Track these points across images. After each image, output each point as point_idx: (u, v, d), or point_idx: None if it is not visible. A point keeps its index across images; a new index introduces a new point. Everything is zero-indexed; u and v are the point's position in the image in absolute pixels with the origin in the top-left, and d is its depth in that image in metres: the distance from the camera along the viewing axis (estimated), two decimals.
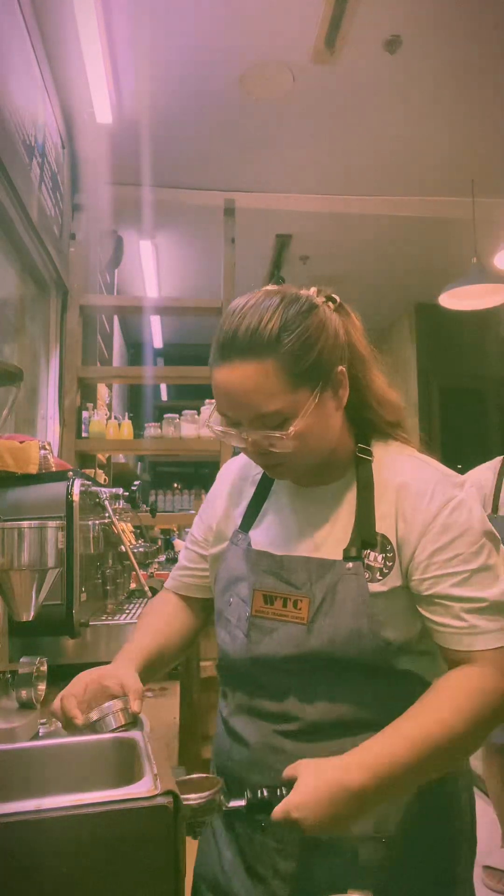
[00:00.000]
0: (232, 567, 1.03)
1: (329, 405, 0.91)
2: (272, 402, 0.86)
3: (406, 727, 0.83)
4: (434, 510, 0.90)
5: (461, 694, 0.84)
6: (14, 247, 2.64)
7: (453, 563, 0.88)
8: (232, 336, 0.87)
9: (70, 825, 0.70)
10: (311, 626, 0.91)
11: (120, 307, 4.10)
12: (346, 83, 3.03)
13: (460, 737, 0.82)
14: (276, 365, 0.85)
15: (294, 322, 0.87)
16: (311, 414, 0.87)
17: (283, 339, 0.85)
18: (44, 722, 1.18)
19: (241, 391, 0.86)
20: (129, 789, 0.75)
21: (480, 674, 0.86)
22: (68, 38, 2.62)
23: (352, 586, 0.90)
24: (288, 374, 0.86)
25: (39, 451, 1.56)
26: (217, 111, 3.24)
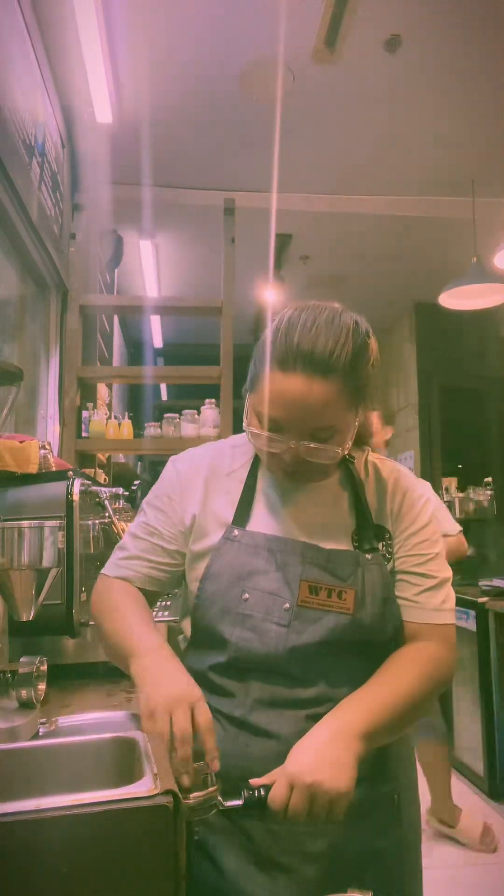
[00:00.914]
0: (238, 562, 1.03)
1: (359, 421, 1.02)
2: (332, 417, 0.95)
3: (382, 683, 0.97)
4: (412, 503, 1.08)
5: (420, 658, 1.01)
6: (14, 247, 2.64)
7: (421, 546, 1.05)
8: (309, 350, 0.92)
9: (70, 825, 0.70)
10: (355, 616, 1.00)
11: (120, 307, 4.10)
12: (346, 83, 3.03)
13: (421, 694, 0.97)
14: (344, 385, 0.93)
15: (361, 348, 0.97)
16: (352, 431, 0.99)
17: (354, 363, 0.94)
18: (44, 722, 1.18)
19: (309, 403, 0.93)
20: (129, 789, 0.75)
21: (431, 647, 1.02)
22: (68, 38, 2.62)
23: (377, 575, 1.03)
24: (350, 394, 0.95)
25: (39, 450, 1.56)
26: (217, 111, 3.24)
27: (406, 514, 1.07)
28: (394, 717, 0.93)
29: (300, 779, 0.82)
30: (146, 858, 0.71)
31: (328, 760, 0.84)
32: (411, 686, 0.97)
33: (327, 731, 0.89)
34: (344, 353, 0.93)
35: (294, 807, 0.82)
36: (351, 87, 3.07)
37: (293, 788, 0.82)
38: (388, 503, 1.07)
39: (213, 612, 1.04)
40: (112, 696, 1.51)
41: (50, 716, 1.21)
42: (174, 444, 3.24)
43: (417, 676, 0.98)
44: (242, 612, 1.01)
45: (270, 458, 1.02)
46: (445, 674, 1.02)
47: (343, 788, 0.82)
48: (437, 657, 1.02)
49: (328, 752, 0.85)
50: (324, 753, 0.85)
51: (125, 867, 0.71)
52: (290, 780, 0.83)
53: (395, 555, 1.06)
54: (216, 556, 1.05)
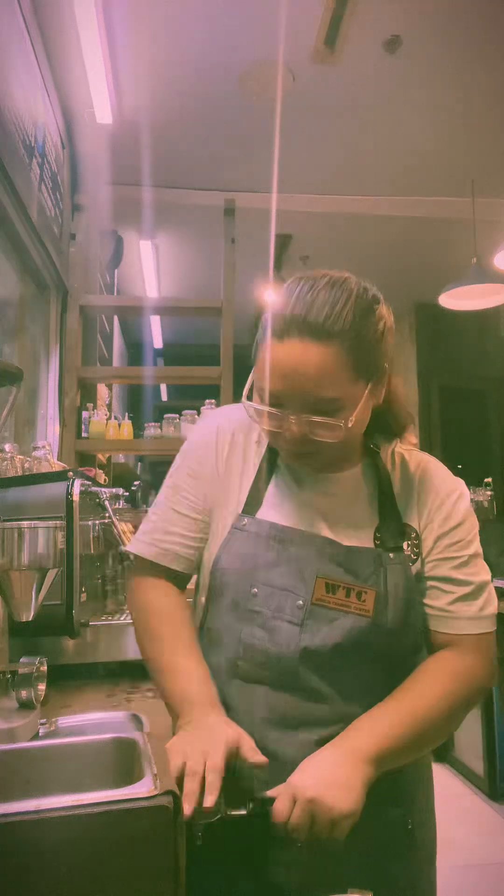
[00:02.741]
0: (248, 553, 0.96)
1: (372, 401, 0.92)
2: (333, 388, 0.85)
3: (400, 702, 0.89)
4: (442, 500, 0.97)
5: (445, 676, 0.91)
6: (14, 247, 2.64)
7: (454, 548, 0.95)
8: (303, 314, 0.85)
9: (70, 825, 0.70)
10: (375, 619, 0.92)
11: (120, 307, 4.10)
12: (346, 83, 3.03)
13: (445, 715, 0.90)
14: (346, 351, 0.84)
15: (365, 313, 0.87)
16: (361, 407, 0.88)
17: (355, 327, 0.85)
18: (44, 722, 1.18)
19: (304, 371, 0.84)
20: (129, 789, 0.75)
21: (461, 659, 0.93)
22: (68, 38, 2.62)
23: (400, 577, 0.94)
24: (353, 363, 0.85)
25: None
26: (217, 111, 3.24)
27: (436, 511, 0.96)
28: (410, 741, 0.87)
29: (302, 794, 0.79)
30: (146, 858, 0.71)
31: (334, 779, 0.80)
32: (434, 706, 0.89)
33: (337, 752, 0.84)
34: (343, 317, 0.84)
35: (295, 822, 0.78)
36: (351, 87, 3.07)
37: (295, 802, 0.79)
38: (416, 499, 0.97)
39: (221, 606, 0.98)
40: (112, 696, 1.50)
41: (50, 716, 1.21)
42: (174, 444, 3.23)
43: (442, 695, 0.90)
44: (252, 609, 0.94)
45: (274, 438, 0.94)
46: (478, 689, 0.94)
47: (346, 809, 0.78)
48: (467, 672, 0.92)
49: (335, 771, 0.81)
50: (330, 772, 0.81)
51: (125, 867, 0.71)
52: (292, 793, 0.79)
53: (425, 558, 0.96)
54: (225, 547, 0.98)
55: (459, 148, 3.52)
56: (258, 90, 3.06)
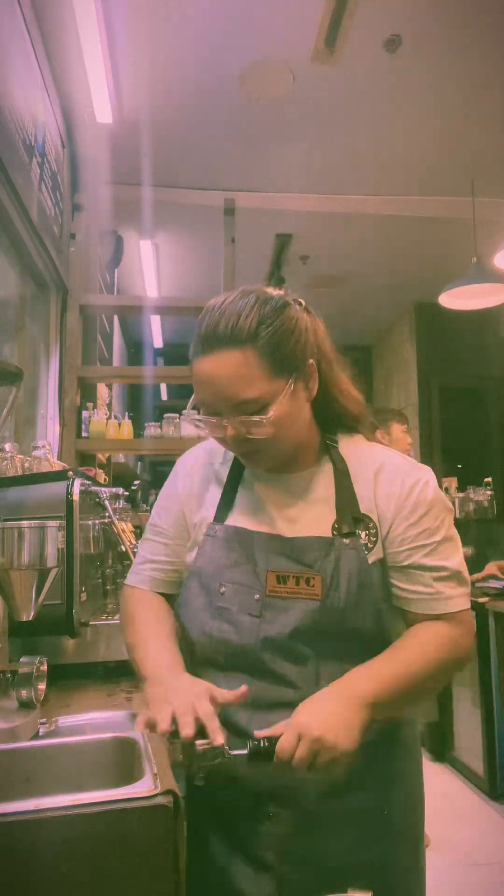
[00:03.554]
0: (216, 557, 1.05)
1: (301, 395, 0.99)
2: (252, 388, 0.93)
3: (395, 656, 0.97)
4: (407, 490, 1.02)
5: (437, 639, 0.99)
6: (14, 247, 2.64)
7: (423, 536, 1.01)
8: (213, 329, 0.95)
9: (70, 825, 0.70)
10: (324, 602, 0.99)
11: (120, 307, 4.10)
12: (345, 83, 3.03)
13: (434, 673, 0.98)
14: (256, 354, 0.93)
15: (270, 316, 0.95)
16: (286, 402, 0.95)
17: (260, 331, 0.94)
18: (44, 721, 1.18)
19: (223, 378, 0.94)
20: (129, 789, 0.75)
21: (450, 628, 1.00)
22: (68, 38, 2.62)
23: (353, 560, 1.00)
24: (266, 362, 0.94)
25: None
26: (217, 111, 3.24)
27: (403, 502, 1.01)
28: (403, 691, 0.95)
29: (308, 731, 0.84)
30: (146, 858, 0.71)
31: (336, 719, 0.86)
32: (425, 662, 0.97)
33: (336, 694, 0.90)
34: (248, 324, 0.93)
35: (299, 757, 0.83)
36: (351, 87, 3.07)
37: (300, 739, 0.84)
38: (377, 491, 1.02)
39: (198, 606, 1.06)
40: (112, 696, 1.51)
41: (50, 716, 1.21)
42: (174, 444, 3.24)
43: (432, 653, 0.98)
44: (221, 606, 1.03)
45: (223, 444, 1.03)
46: (461, 656, 1.02)
47: (347, 748, 0.85)
48: (453, 641, 1.00)
49: (337, 712, 0.87)
50: (332, 711, 0.87)
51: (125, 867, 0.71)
52: (298, 730, 0.84)
53: (397, 548, 1.01)
54: (199, 553, 1.08)
55: (459, 148, 3.52)
56: (258, 90, 3.06)
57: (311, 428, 1.06)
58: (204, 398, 0.98)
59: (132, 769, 0.91)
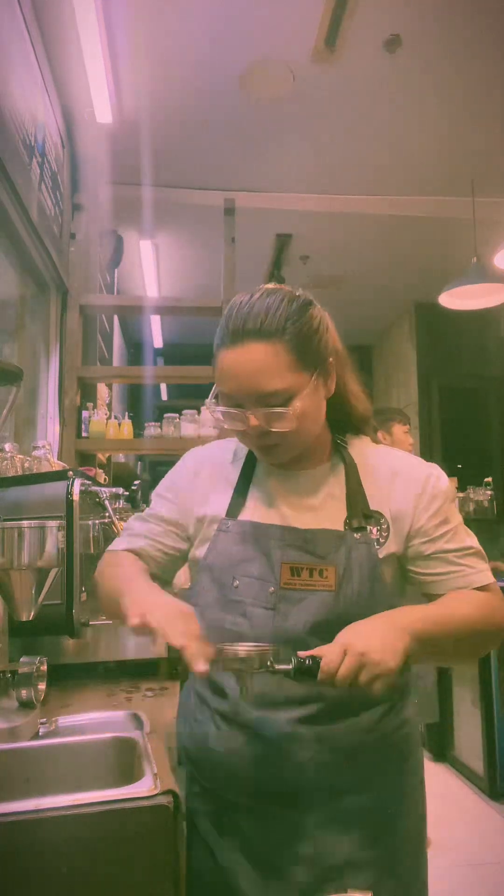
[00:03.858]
0: (229, 551, 1.06)
1: (321, 391, 1.03)
2: (278, 381, 0.96)
3: (438, 606, 1.01)
4: (422, 485, 1.06)
5: (476, 599, 1.02)
6: (14, 247, 2.64)
7: (442, 525, 1.05)
8: (243, 323, 0.97)
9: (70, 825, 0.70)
10: (338, 592, 1.00)
11: (120, 307, 4.09)
12: (346, 83, 3.03)
13: (474, 628, 1.00)
14: (283, 347, 0.96)
15: (297, 313, 0.99)
16: (309, 396, 0.99)
17: (288, 326, 0.97)
18: (44, 721, 1.18)
19: (251, 370, 0.96)
20: (129, 789, 0.75)
21: (485, 596, 1.03)
22: (68, 38, 2.62)
23: (363, 553, 1.02)
24: (292, 357, 0.97)
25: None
26: (217, 111, 3.24)
27: (420, 496, 1.05)
28: (447, 635, 0.97)
29: (354, 647, 0.86)
30: (146, 858, 0.71)
31: (381, 639, 0.88)
32: (467, 614, 1.00)
33: (383, 620, 0.93)
34: (277, 318, 0.97)
35: (344, 672, 0.85)
36: (351, 87, 3.07)
37: (346, 654, 0.85)
38: (390, 488, 1.06)
39: (209, 601, 1.07)
40: (112, 696, 1.51)
41: (50, 716, 1.21)
42: (174, 444, 3.23)
43: (474, 609, 1.00)
44: (234, 599, 1.04)
45: (242, 437, 1.05)
46: (499, 623, 1.02)
47: (391, 667, 0.86)
48: (490, 603, 1.02)
49: (382, 632, 0.89)
50: (378, 632, 0.89)
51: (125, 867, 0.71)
52: (344, 646, 0.86)
53: (421, 539, 1.05)
54: (211, 548, 1.08)
55: (459, 148, 3.52)
56: (258, 90, 3.06)
57: (323, 427, 1.09)
58: (228, 390, 0.99)
59: (132, 769, 0.91)
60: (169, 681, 1.63)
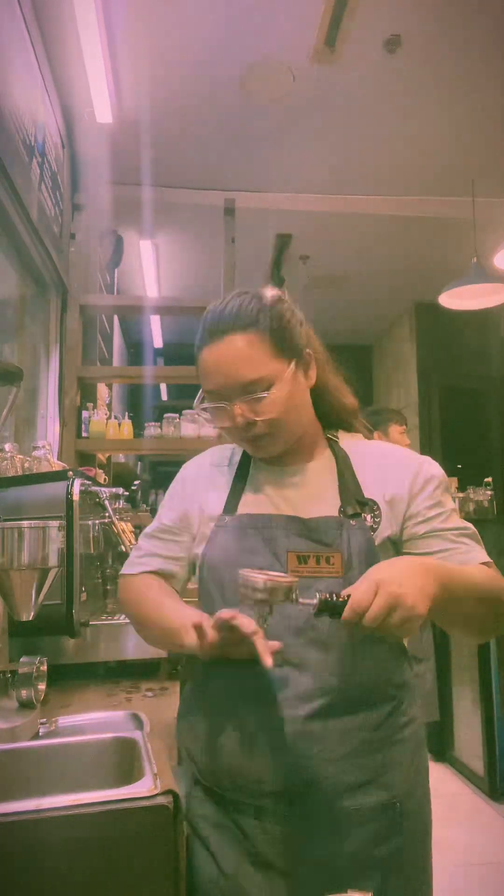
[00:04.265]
0: (229, 546, 1.07)
1: (301, 380, 1.07)
2: (257, 369, 1.01)
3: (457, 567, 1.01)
4: (414, 471, 1.08)
5: (481, 569, 1.03)
6: (14, 247, 2.64)
7: (436, 506, 1.07)
8: (217, 320, 1.04)
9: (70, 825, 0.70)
10: (345, 577, 1.00)
11: (120, 307, 4.10)
12: (346, 83, 3.03)
13: (484, 592, 1.00)
14: (259, 336, 1.02)
15: (269, 305, 1.05)
16: (288, 382, 1.03)
17: (261, 317, 1.03)
18: (44, 721, 1.18)
19: (230, 361, 1.01)
20: (129, 789, 0.75)
21: (491, 570, 1.04)
22: (68, 38, 2.62)
23: (361, 539, 1.03)
24: (268, 345, 1.02)
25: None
26: (217, 111, 3.24)
27: (413, 480, 1.07)
28: (468, 589, 0.98)
29: (386, 586, 0.83)
30: (146, 858, 0.71)
31: (413, 582, 0.86)
32: (479, 580, 1.00)
33: (412, 562, 0.92)
34: (250, 311, 1.02)
35: (374, 611, 0.82)
36: (351, 87, 3.07)
37: (377, 593, 0.83)
38: (383, 476, 1.08)
39: (213, 597, 1.07)
40: (112, 696, 1.51)
41: (50, 716, 1.21)
42: (174, 444, 3.23)
43: (484, 576, 1.01)
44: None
45: (230, 434, 1.08)
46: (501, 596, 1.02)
47: (421, 610, 0.84)
48: (494, 576, 1.03)
49: (414, 575, 0.87)
50: (410, 574, 0.87)
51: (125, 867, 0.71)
52: (377, 585, 0.83)
53: (416, 520, 1.06)
54: (209, 545, 1.09)
55: (459, 148, 3.52)
56: (258, 90, 3.06)
57: (313, 422, 1.13)
58: (212, 386, 1.04)
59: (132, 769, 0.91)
60: (169, 681, 1.63)
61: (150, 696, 1.51)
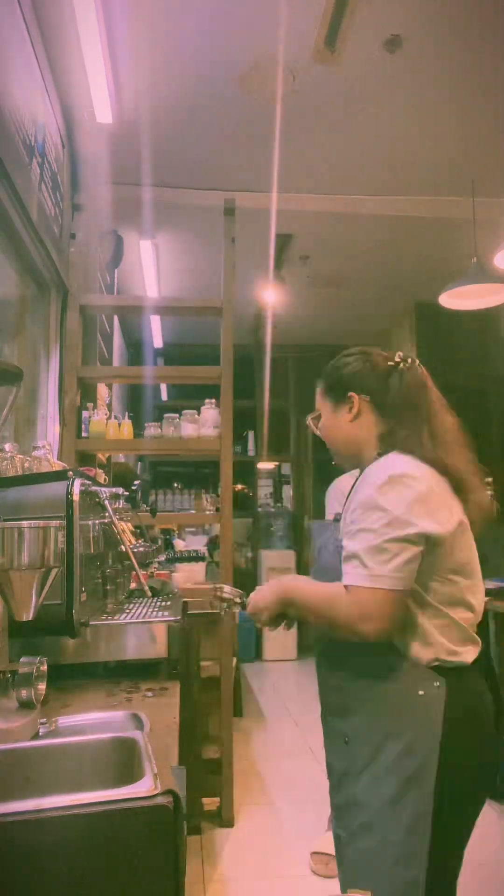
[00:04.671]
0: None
1: (343, 416, 1.43)
2: (318, 403, 1.50)
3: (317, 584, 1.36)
4: (358, 487, 1.32)
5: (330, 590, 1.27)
6: (14, 247, 2.64)
7: (350, 525, 1.27)
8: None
9: (70, 825, 0.70)
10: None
11: (120, 307, 4.09)
12: (346, 83, 3.03)
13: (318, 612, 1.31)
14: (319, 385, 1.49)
15: (331, 366, 1.52)
16: (329, 417, 1.46)
17: (322, 375, 1.51)
18: (44, 722, 1.18)
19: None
20: (129, 789, 0.75)
21: (339, 592, 1.24)
22: (68, 38, 2.62)
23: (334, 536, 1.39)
24: (320, 391, 1.49)
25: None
26: (217, 111, 3.24)
27: (354, 496, 1.31)
28: (307, 607, 1.33)
29: (252, 597, 1.41)
30: (146, 858, 0.71)
31: (264, 595, 1.38)
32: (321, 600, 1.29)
33: (277, 582, 1.40)
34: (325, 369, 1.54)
35: (248, 608, 1.41)
36: (351, 87, 3.07)
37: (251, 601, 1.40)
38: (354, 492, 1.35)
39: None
40: (112, 696, 1.51)
41: (50, 716, 1.21)
42: (174, 444, 3.23)
43: (327, 598, 1.27)
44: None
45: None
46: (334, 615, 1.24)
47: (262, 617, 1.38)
48: (341, 599, 1.23)
49: (269, 591, 1.38)
50: (268, 590, 1.39)
51: (125, 867, 0.71)
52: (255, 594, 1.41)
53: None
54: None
55: (459, 148, 3.52)
56: (258, 90, 3.06)
57: (368, 446, 1.40)
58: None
59: (132, 769, 0.91)
60: (169, 681, 1.63)
61: (150, 696, 1.51)
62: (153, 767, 0.81)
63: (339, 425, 1.43)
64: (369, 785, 1.21)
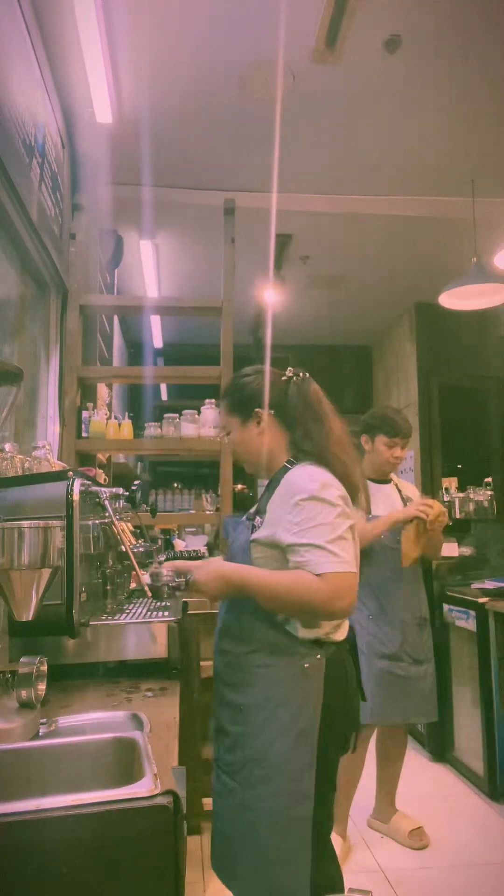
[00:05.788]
0: None
1: (251, 429, 1.60)
2: (223, 420, 1.66)
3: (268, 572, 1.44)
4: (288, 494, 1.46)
5: (297, 577, 1.39)
6: (14, 247, 2.64)
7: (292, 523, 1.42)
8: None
9: (70, 825, 0.70)
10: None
11: (120, 307, 4.09)
12: (346, 83, 3.03)
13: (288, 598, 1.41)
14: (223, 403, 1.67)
15: (233, 384, 1.67)
16: (238, 431, 1.62)
17: (226, 394, 1.67)
18: (44, 722, 1.18)
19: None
20: (129, 789, 0.75)
21: (308, 577, 1.37)
22: (68, 38, 2.62)
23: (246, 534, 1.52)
24: (226, 408, 1.65)
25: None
26: (217, 111, 3.24)
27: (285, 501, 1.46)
28: (262, 591, 1.42)
29: (196, 576, 1.51)
30: (146, 858, 0.71)
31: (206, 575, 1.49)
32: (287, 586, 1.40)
33: (220, 564, 1.51)
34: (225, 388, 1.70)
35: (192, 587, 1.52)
36: (351, 87, 3.07)
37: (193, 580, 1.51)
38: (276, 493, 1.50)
39: None
40: (112, 696, 1.51)
41: (50, 716, 1.21)
42: (174, 444, 3.23)
43: (287, 582, 1.40)
44: None
45: None
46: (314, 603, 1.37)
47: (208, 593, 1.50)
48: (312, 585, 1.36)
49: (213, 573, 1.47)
50: (212, 571, 1.48)
51: (125, 867, 0.71)
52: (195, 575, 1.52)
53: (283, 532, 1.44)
54: None
55: (459, 148, 3.52)
56: (258, 90, 3.06)
57: (278, 455, 1.58)
58: None
59: (132, 769, 0.91)
60: (169, 681, 1.63)
61: (150, 696, 1.51)
62: (153, 767, 0.81)
63: (249, 439, 1.60)
64: (265, 744, 1.42)
